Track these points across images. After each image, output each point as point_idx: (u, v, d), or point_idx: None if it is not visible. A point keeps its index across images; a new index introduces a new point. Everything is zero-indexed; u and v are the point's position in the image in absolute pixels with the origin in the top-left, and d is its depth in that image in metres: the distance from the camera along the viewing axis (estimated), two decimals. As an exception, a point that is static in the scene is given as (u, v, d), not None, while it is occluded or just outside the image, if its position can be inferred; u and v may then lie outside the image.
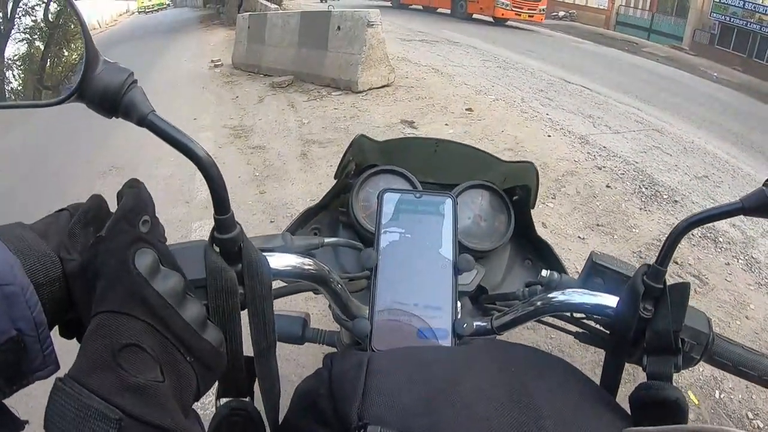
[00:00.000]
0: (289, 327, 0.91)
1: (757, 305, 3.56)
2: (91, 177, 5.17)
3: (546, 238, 1.06)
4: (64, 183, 5.06)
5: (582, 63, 13.24)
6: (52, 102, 0.49)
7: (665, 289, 0.60)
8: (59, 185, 5.01)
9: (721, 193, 5.45)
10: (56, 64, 0.56)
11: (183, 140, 0.49)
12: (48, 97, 0.52)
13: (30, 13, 0.54)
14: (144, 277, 0.44)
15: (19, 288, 0.40)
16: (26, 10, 0.54)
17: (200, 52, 14.12)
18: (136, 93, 0.48)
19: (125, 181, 0.52)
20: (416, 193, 0.72)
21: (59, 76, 0.55)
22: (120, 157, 5.46)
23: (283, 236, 0.79)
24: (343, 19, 8.30)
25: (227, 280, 0.52)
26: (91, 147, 5.75)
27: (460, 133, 6.20)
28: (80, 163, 5.52)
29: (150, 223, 0.48)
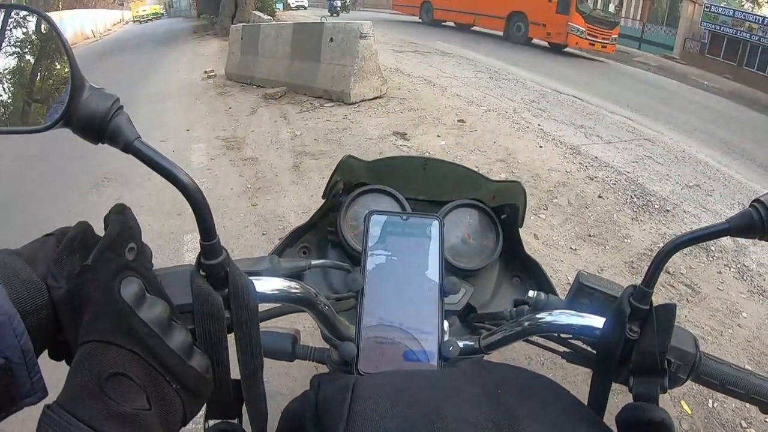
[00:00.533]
0: (279, 344, 0.90)
1: (750, 313, 3.57)
2: (83, 189, 5.14)
3: (538, 249, 1.07)
4: (55, 196, 5.03)
5: (573, 73, 13.34)
6: (38, 128, 0.49)
7: (651, 311, 0.60)
8: (50, 198, 4.99)
9: (712, 202, 5.48)
10: (42, 89, 0.56)
11: (168, 167, 0.50)
12: (34, 123, 0.52)
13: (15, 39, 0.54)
14: (130, 307, 0.44)
15: (5, 317, 0.40)
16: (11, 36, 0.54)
17: (193, 63, 14.14)
18: (121, 119, 0.48)
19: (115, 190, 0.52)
20: (403, 215, 0.72)
21: (45, 101, 0.56)
22: (111, 169, 5.42)
23: (270, 259, 0.79)
24: (336, 30, 8.34)
25: (213, 305, 0.52)
26: (82, 158, 5.72)
27: (452, 144, 6.22)
28: (71, 174, 5.49)
29: (136, 250, 0.49)
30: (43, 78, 0.56)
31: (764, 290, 3.88)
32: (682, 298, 3.61)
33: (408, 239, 0.70)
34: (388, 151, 5.91)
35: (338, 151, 5.94)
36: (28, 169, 5.77)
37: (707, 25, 24.87)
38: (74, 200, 4.91)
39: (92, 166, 5.56)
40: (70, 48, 0.49)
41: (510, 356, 2.59)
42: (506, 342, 0.71)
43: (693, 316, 3.44)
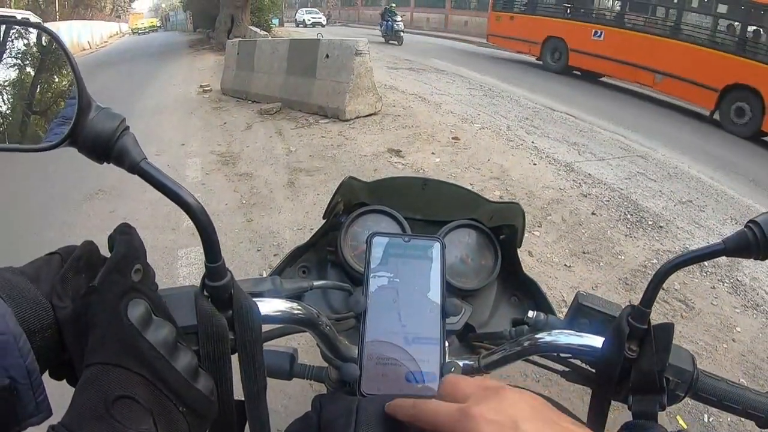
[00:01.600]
0: (277, 362, 0.91)
1: (744, 328, 3.59)
2: (77, 201, 5.12)
3: (533, 266, 1.08)
4: (50, 207, 5.01)
5: (566, 90, 13.42)
6: (45, 147, 0.49)
7: (650, 330, 0.61)
8: (44, 209, 4.97)
9: (704, 218, 5.52)
10: (42, 102, 0.56)
11: (174, 188, 0.50)
12: (34, 139, 0.53)
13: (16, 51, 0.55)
14: (137, 329, 0.44)
15: (11, 337, 0.40)
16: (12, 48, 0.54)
17: (189, 77, 14.19)
18: (127, 139, 0.49)
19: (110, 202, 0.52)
20: (404, 237, 0.73)
21: (44, 114, 0.56)
22: (107, 181, 5.41)
23: (272, 280, 0.80)
24: (332, 47, 8.40)
25: (218, 327, 0.52)
26: (77, 170, 5.69)
27: (446, 162, 6.26)
28: (66, 186, 5.47)
29: (142, 271, 0.48)
30: (42, 91, 0.56)
31: (758, 304, 3.90)
32: (677, 313, 3.62)
33: (410, 261, 0.70)
34: (382, 168, 5.95)
35: (333, 168, 5.97)
36: (23, 180, 5.74)
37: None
38: (69, 212, 4.89)
39: (87, 178, 5.53)
40: (77, 66, 0.50)
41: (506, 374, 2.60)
42: (506, 362, 0.72)
43: (687, 331, 3.44)
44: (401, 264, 0.70)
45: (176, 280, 3.67)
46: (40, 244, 4.28)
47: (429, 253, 0.71)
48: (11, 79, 0.54)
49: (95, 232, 4.38)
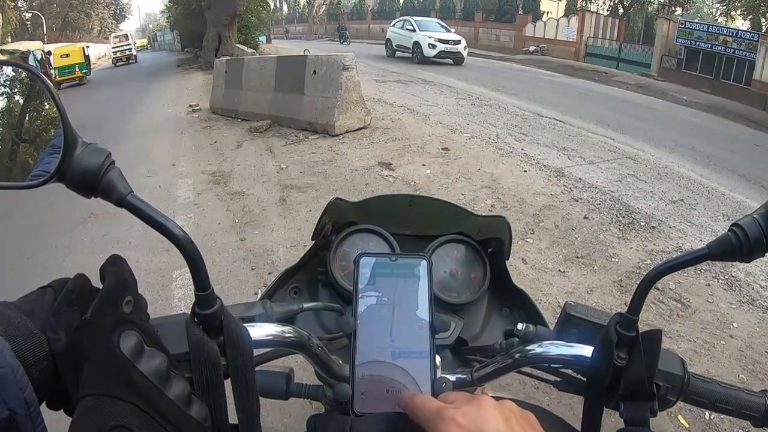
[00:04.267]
0: (273, 383, 0.91)
1: (740, 323, 3.60)
2: (70, 224, 5.10)
3: (527, 273, 1.09)
4: (42, 231, 5.00)
5: (554, 96, 13.54)
6: (33, 184, 0.51)
7: (638, 337, 0.62)
8: (36, 232, 4.96)
9: (696, 216, 5.56)
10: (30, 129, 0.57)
11: (161, 221, 0.51)
12: (27, 179, 0.53)
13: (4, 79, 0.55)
14: (129, 360, 0.45)
15: (9, 370, 0.41)
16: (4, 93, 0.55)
17: (178, 97, 14.21)
18: (114, 174, 0.50)
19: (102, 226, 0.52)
20: (392, 256, 0.73)
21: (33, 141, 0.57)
22: (99, 204, 5.31)
23: (262, 304, 0.81)
24: (319, 63, 8.43)
25: (210, 353, 0.53)
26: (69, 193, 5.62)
27: (437, 173, 6.28)
28: (58, 209, 5.43)
29: (133, 303, 0.49)
30: (29, 127, 0.56)
31: (753, 299, 3.92)
32: (672, 313, 3.63)
33: (397, 280, 0.71)
34: (374, 182, 5.96)
35: (324, 184, 5.97)
36: (14, 205, 5.72)
37: (683, 41, 25.36)
38: (61, 235, 4.88)
39: (79, 202, 5.44)
40: (61, 102, 0.50)
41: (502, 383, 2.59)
42: (498, 374, 0.73)
43: (684, 330, 3.45)
44: (389, 283, 0.70)
45: (171, 302, 3.65)
46: (33, 267, 4.32)
47: (416, 270, 0.72)
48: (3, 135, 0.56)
49: (88, 255, 4.41)
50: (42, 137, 0.55)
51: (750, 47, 22.64)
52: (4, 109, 0.55)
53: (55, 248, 4.59)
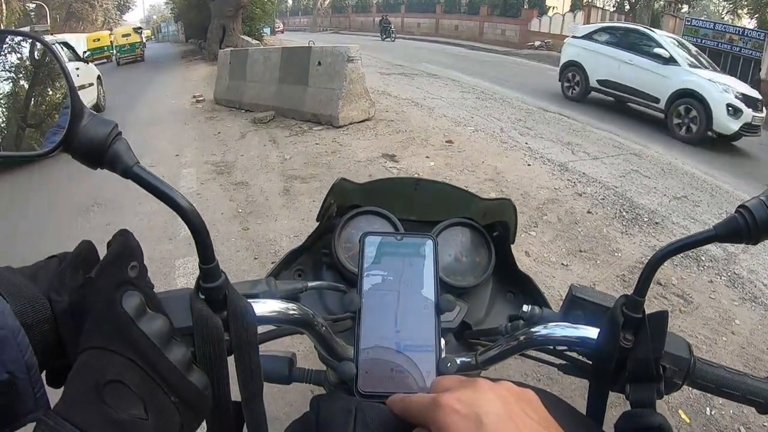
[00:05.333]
0: (276, 367, 0.90)
1: (742, 320, 3.61)
2: (73, 214, 5.11)
3: (530, 266, 1.08)
4: (45, 221, 5.00)
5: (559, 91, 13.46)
6: (40, 153, 0.50)
7: (644, 319, 0.61)
8: (40, 222, 4.97)
9: (700, 212, 5.57)
10: (36, 114, 0.56)
11: (167, 191, 0.50)
12: (34, 148, 0.53)
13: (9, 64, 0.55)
14: (130, 317, 0.45)
15: (9, 332, 0.41)
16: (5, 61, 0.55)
17: (182, 88, 14.22)
18: (120, 145, 0.49)
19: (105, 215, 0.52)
20: (397, 235, 0.73)
21: (38, 126, 0.56)
22: (103, 193, 5.40)
23: (267, 281, 0.80)
24: (324, 54, 8.42)
25: (213, 328, 0.52)
26: (73, 182, 5.72)
27: (441, 165, 6.28)
28: (61, 199, 5.46)
29: (138, 268, 0.49)
30: (37, 103, 0.56)
31: (756, 296, 3.92)
32: (675, 308, 3.63)
33: (403, 259, 0.70)
34: (377, 174, 5.95)
35: (328, 175, 5.97)
36: (18, 195, 5.74)
37: (689, 38, 25.17)
38: (65, 224, 4.88)
39: (83, 190, 5.54)
40: (69, 74, 0.50)
41: (506, 373, 2.59)
42: (503, 357, 0.72)
43: (686, 326, 3.45)
44: (394, 262, 0.70)
45: (174, 290, 3.66)
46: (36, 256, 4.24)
47: (422, 250, 0.72)
48: (6, 90, 0.55)
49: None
50: (47, 122, 0.55)
51: (756, 46, 22.47)
52: (12, 82, 0.55)
53: (58, 237, 4.59)
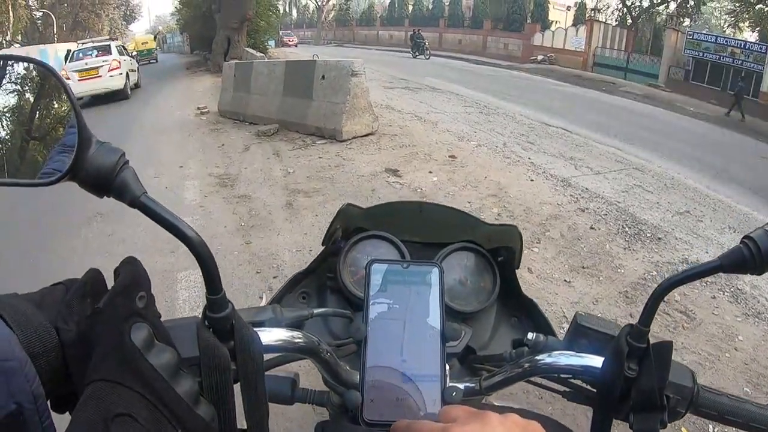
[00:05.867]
0: (278, 387, 0.90)
1: (746, 336, 3.59)
2: (76, 224, 5.11)
3: (532, 283, 1.08)
4: (48, 231, 5.01)
5: (562, 105, 13.53)
6: (46, 182, 0.50)
7: (648, 349, 0.61)
8: (42, 232, 4.97)
9: (703, 228, 5.55)
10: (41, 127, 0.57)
11: (174, 222, 0.50)
12: (38, 176, 0.53)
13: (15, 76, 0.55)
14: (139, 350, 0.45)
15: (17, 363, 0.41)
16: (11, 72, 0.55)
17: (187, 99, 14.28)
18: (127, 174, 0.49)
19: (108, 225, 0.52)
20: (403, 263, 0.73)
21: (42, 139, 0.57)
22: (105, 204, 5.33)
23: (272, 308, 0.80)
24: (328, 68, 8.46)
25: (220, 358, 0.52)
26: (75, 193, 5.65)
27: (444, 180, 6.28)
28: (64, 209, 5.44)
29: (146, 299, 0.49)
30: (41, 125, 0.57)
31: (759, 312, 3.90)
32: (678, 325, 3.61)
33: (409, 287, 0.71)
34: (380, 188, 5.97)
35: (331, 189, 5.98)
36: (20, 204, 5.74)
37: (691, 52, 25.32)
38: (67, 235, 4.89)
39: (85, 200, 5.52)
40: (76, 102, 0.50)
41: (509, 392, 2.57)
42: (507, 383, 0.72)
43: (689, 342, 3.43)
44: (400, 290, 0.71)
45: (176, 303, 3.67)
46: (39, 266, 4.32)
47: (428, 278, 0.72)
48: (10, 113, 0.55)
49: (93, 254, 4.43)
50: (52, 135, 0.55)
51: (758, 59, 22.58)
52: (15, 107, 0.55)
53: (60, 247, 4.61)
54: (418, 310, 0.69)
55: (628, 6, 34.80)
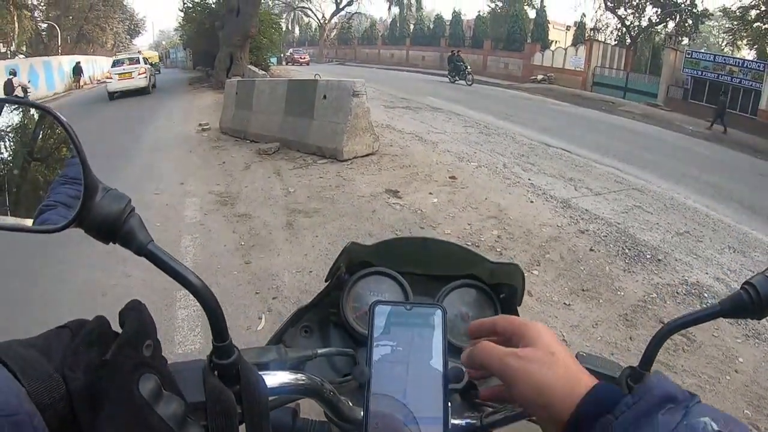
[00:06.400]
0: (280, 419, 0.91)
1: (746, 358, 3.57)
2: (76, 240, 4.96)
3: (532, 306, 1.09)
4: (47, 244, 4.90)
5: (561, 125, 13.60)
6: (51, 229, 0.50)
7: None
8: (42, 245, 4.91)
9: (702, 248, 5.55)
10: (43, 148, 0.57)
11: (181, 272, 0.51)
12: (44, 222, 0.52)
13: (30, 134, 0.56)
14: (148, 403, 0.46)
15: (26, 416, 0.40)
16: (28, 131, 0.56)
17: (188, 115, 14.36)
18: (134, 222, 0.50)
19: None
20: (407, 305, 0.74)
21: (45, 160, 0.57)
22: None
23: (276, 349, 0.81)
24: (329, 88, 8.52)
25: (226, 403, 0.53)
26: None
27: (444, 202, 6.29)
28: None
29: (153, 347, 0.50)
30: (45, 137, 0.57)
31: (759, 333, 3.88)
32: (678, 347, 3.59)
33: (412, 330, 0.71)
34: (380, 210, 5.97)
35: (331, 209, 5.99)
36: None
37: (689, 71, 25.48)
38: (65, 249, 4.83)
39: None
40: (81, 148, 0.50)
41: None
42: (508, 421, 0.73)
43: (689, 365, 3.42)
44: (404, 332, 0.71)
45: (174, 322, 3.65)
46: (36, 281, 4.33)
47: (431, 320, 0.73)
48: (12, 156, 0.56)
49: (91, 271, 4.41)
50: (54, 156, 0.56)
51: (756, 77, 22.74)
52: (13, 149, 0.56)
53: (58, 262, 4.59)
54: (422, 353, 0.70)
55: (627, 26, 35.17)
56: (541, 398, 0.52)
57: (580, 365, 0.55)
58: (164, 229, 5.23)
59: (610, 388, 0.51)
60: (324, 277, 1.05)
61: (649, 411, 0.47)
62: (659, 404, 0.47)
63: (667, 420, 0.46)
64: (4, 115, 0.55)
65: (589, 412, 0.49)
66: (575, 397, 0.50)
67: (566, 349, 0.56)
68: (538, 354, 0.55)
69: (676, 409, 0.46)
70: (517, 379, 0.54)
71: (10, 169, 0.56)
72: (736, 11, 30.64)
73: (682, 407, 0.46)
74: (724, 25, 38.58)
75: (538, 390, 0.53)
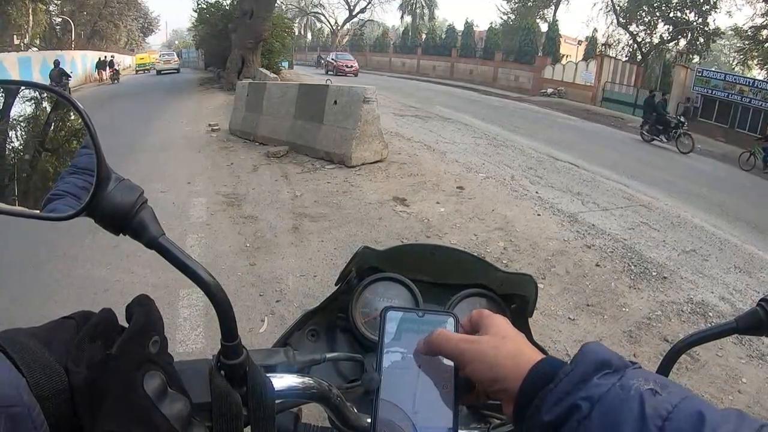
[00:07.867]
0: (282, 423, 0.90)
1: (750, 378, 3.55)
2: (79, 234, 5.06)
3: (536, 320, 1.07)
4: (52, 239, 4.99)
5: (570, 139, 13.61)
6: (61, 217, 0.50)
7: None
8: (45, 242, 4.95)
9: (709, 267, 5.52)
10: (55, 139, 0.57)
11: (192, 267, 0.51)
12: (54, 210, 0.52)
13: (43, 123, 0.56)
14: (152, 400, 0.45)
15: (25, 408, 0.39)
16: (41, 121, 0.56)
17: (198, 115, 14.41)
18: (146, 214, 0.49)
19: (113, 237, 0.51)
20: (419, 311, 0.74)
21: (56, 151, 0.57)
22: None
23: (284, 352, 0.80)
24: (340, 93, 8.53)
25: (232, 405, 0.52)
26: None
27: (451, 212, 6.27)
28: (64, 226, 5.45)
29: (159, 343, 0.49)
30: (56, 129, 0.56)
31: (763, 354, 3.85)
32: (682, 366, 3.57)
33: (423, 336, 0.71)
34: (387, 217, 5.97)
35: (338, 215, 5.99)
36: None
37: (699, 89, 25.40)
38: (70, 244, 4.87)
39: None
40: (96, 136, 0.50)
41: None
42: None
43: (692, 384, 3.39)
44: (415, 339, 0.71)
45: (176, 320, 3.64)
46: (41, 276, 4.34)
47: (443, 328, 0.72)
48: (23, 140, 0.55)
49: (97, 267, 4.42)
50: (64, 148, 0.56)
51: (766, 97, 22.67)
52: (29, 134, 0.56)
53: (63, 257, 4.60)
54: (432, 362, 0.69)
55: (638, 42, 35.20)
56: (491, 373, 0.55)
57: (534, 348, 0.57)
58: (169, 228, 5.10)
59: (554, 361, 0.52)
60: (328, 281, 1.04)
61: (585, 376, 0.47)
62: (595, 370, 0.47)
63: (601, 383, 0.46)
64: (20, 101, 0.55)
65: (535, 384, 0.50)
66: (522, 371, 0.52)
67: (522, 335, 0.59)
68: (490, 338, 0.58)
69: (612, 374, 0.47)
70: (471, 359, 0.57)
71: (20, 157, 0.56)
72: (747, 31, 30.71)
73: (619, 373, 0.47)
74: (735, 44, 38.64)
75: (488, 366, 0.55)
